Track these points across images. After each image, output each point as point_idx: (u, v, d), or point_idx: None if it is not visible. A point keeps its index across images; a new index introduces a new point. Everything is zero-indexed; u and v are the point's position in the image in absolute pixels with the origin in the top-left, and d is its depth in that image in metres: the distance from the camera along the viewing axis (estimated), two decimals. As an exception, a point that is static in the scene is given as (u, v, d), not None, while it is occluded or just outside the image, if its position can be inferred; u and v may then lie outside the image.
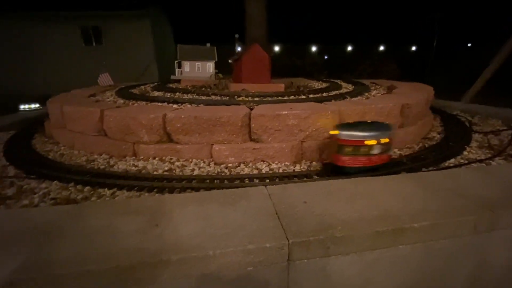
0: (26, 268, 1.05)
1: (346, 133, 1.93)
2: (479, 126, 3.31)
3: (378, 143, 1.91)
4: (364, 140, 1.90)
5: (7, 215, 1.44)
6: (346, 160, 1.96)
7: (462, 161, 2.33)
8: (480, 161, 2.31)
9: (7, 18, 11.25)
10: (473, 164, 2.26)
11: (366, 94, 3.38)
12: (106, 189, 1.91)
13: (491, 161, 2.31)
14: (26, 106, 8.68)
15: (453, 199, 1.47)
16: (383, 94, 3.41)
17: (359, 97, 3.21)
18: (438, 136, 3.03)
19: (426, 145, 2.74)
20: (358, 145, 1.91)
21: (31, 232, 1.25)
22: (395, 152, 2.53)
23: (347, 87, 3.89)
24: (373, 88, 3.85)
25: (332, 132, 2.02)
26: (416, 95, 3.07)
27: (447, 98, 4.78)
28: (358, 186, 1.62)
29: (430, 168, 2.19)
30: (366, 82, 4.37)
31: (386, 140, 1.92)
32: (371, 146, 1.90)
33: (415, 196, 1.49)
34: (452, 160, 2.34)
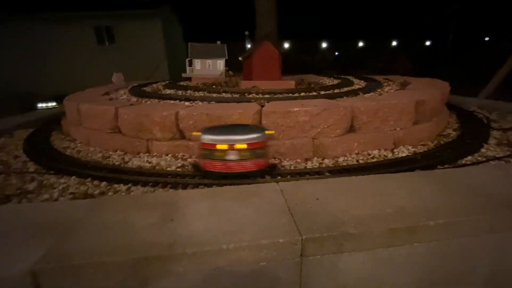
0: (48, 258, 1.10)
1: (204, 136, 1.82)
2: (498, 123, 3.20)
3: (231, 148, 1.77)
4: (216, 144, 1.79)
5: (29, 209, 1.50)
6: (204, 164, 1.88)
7: (479, 158, 2.26)
8: (499, 158, 2.24)
9: (25, 20, 11.62)
10: (491, 162, 2.19)
11: (379, 90, 3.32)
12: (121, 184, 1.96)
13: (510, 159, 2.23)
14: (44, 105, 8.97)
15: (469, 197, 1.44)
16: (396, 90, 3.34)
17: (372, 93, 3.16)
18: (454, 133, 2.95)
19: (442, 142, 2.67)
20: (211, 149, 1.81)
21: (52, 225, 1.31)
22: (409, 149, 2.48)
23: (359, 83, 3.84)
24: (386, 84, 3.78)
25: (194, 134, 1.94)
26: (431, 91, 2.99)
27: (464, 94, 4.64)
28: (372, 184, 1.60)
29: (446, 166, 2.14)
30: (379, 78, 4.30)
31: (243, 146, 1.76)
32: (224, 151, 1.78)
33: (430, 194, 1.47)
34: (469, 158, 2.27)
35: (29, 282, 1.06)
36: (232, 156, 1.78)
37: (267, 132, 1.86)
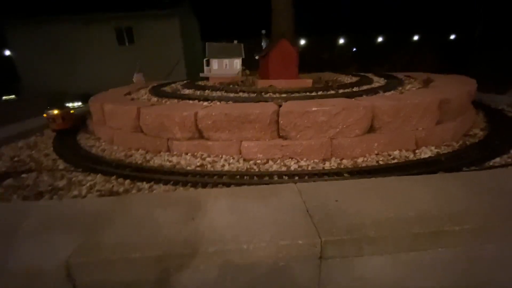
0: (81, 252, 1.17)
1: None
2: (530, 122, 3.01)
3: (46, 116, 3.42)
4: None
5: (62, 205, 1.60)
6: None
7: (509, 160, 2.15)
8: (531, 160, 2.11)
9: (52, 23, 12.22)
10: (522, 164, 2.07)
11: (400, 88, 3.22)
12: (144, 182, 2.04)
13: (544, 161, 2.11)
14: (70, 105, 9.41)
15: (499, 201, 1.38)
16: (418, 88, 3.22)
17: (392, 91, 3.07)
18: (481, 133, 2.81)
19: (468, 143, 2.56)
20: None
21: (83, 220, 1.39)
22: (432, 150, 2.40)
23: (379, 81, 3.73)
24: (407, 81, 3.66)
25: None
26: (456, 88, 2.86)
27: (492, 92, 4.40)
28: (393, 185, 1.57)
29: (472, 168, 2.05)
30: (400, 75, 4.16)
31: (45, 115, 3.45)
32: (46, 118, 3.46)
33: (456, 197, 1.42)
34: (498, 159, 2.16)
35: (64, 274, 1.14)
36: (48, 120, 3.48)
37: (55, 111, 3.41)
